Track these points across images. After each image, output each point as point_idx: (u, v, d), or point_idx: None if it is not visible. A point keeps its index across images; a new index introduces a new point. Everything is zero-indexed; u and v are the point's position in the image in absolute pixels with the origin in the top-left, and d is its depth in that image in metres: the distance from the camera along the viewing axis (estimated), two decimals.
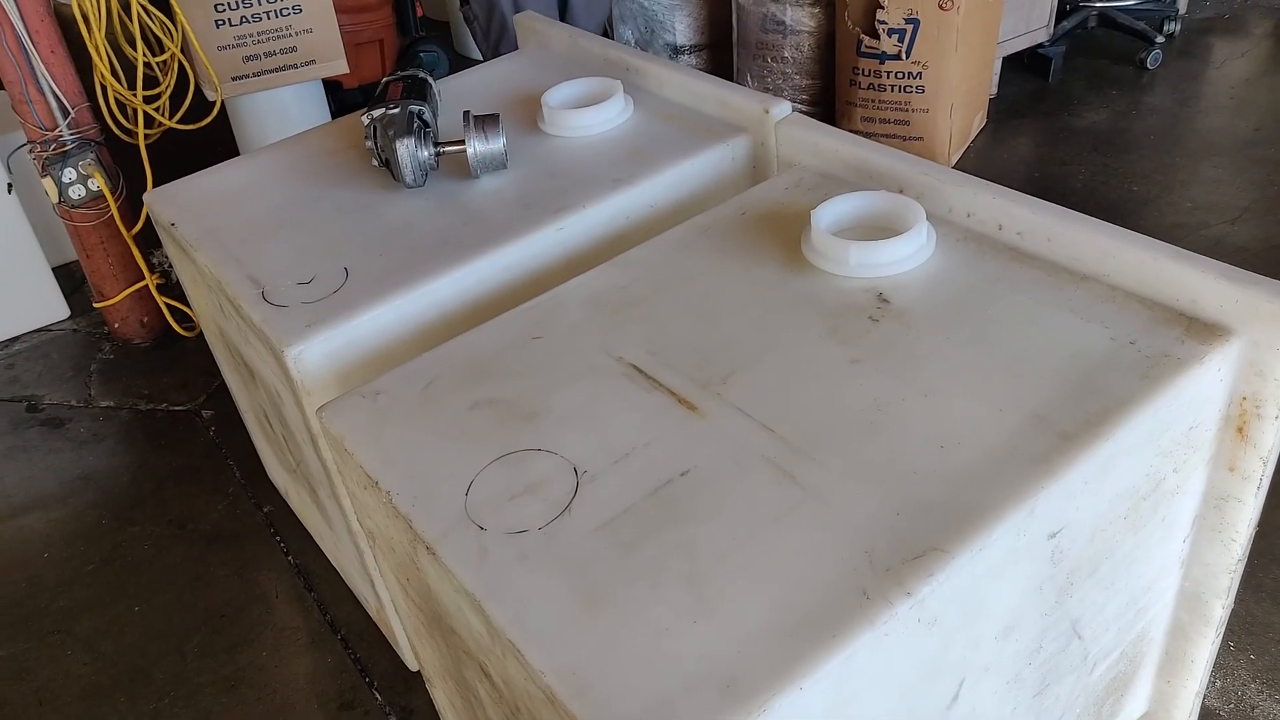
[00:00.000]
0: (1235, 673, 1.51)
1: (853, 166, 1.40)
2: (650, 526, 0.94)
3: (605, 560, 0.92)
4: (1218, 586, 1.21)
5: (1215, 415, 1.07)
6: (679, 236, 1.36)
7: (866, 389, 1.05)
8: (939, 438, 0.98)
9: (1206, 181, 2.80)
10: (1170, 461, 1.05)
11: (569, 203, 1.48)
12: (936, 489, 0.93)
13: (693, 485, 0.98)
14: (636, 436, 1.04)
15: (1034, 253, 1.20)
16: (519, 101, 1.80)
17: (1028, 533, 0.92)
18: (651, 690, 0.80)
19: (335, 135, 1.80)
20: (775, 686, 0.79)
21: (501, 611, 0.89)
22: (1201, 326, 1.06)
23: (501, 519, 0.98)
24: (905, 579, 0.85)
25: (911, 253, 1.21)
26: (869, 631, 0.82)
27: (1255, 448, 1.08)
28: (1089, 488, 0.96)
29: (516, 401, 1.12)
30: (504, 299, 1.39)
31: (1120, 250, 1.12)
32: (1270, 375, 1.03)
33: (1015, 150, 3.07)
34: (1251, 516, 1.14)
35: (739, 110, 1.58)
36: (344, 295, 1.35)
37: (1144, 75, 3.40)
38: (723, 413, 1.06)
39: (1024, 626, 0.99)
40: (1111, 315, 1.09)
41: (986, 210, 1.25)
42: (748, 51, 3.24)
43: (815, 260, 1.24)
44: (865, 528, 0.90)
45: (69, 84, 2.37)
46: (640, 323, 1.21)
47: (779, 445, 1.00)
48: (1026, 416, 0.99)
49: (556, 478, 1.01)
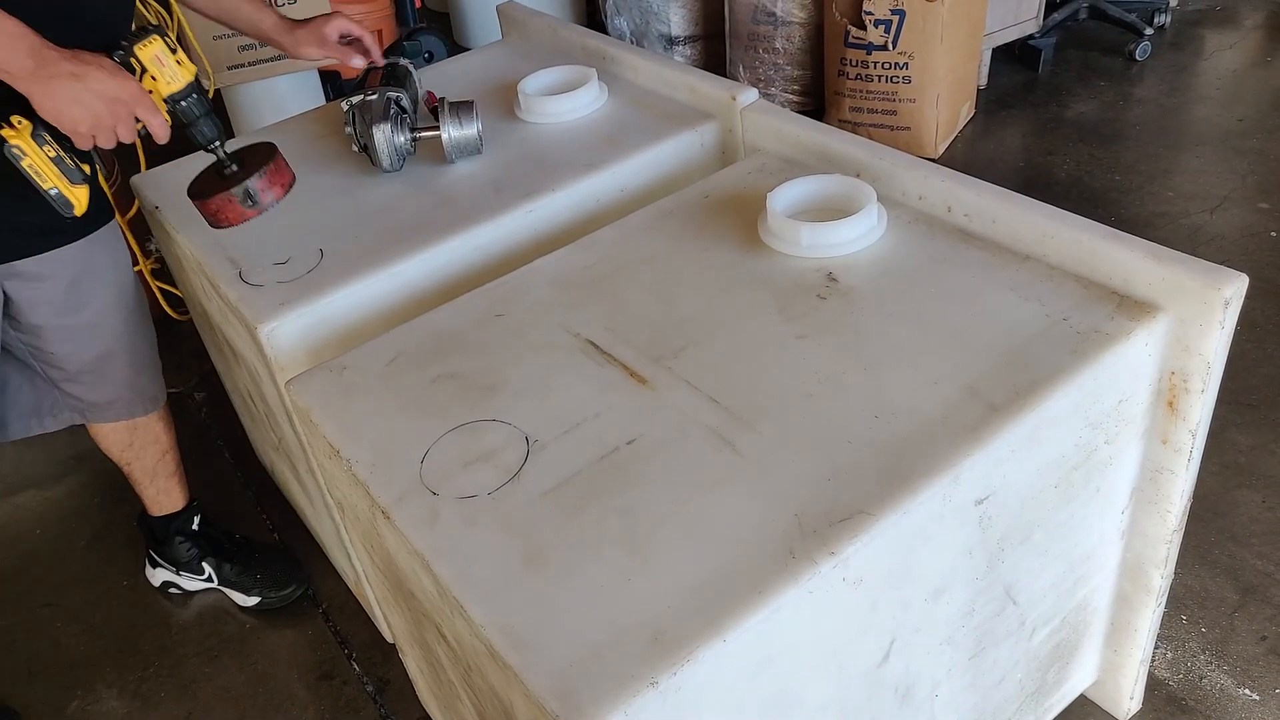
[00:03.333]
0: (1186, 645, 1.55)
1: (813, 151, 1.44)
2: (594, 492, 0.98)
3: (549, 523, 0.96)
4: (1156, 556, 1.25)
5: (1145, 389, 1.11)
6: (643, 219, 1.40)
7: (809, 363, 1.10)
8: (874, 409, 1.02)
9: (1189, 171, 2.82)
10: (1101, 433, 1.09)
11: (539, 186, 1.52)
12: (867, 456, 0.97)
13: (637, 453, 1.02)
14: (587, 408, 1.09)
15: (980, 234, 1.24)
16: (498, 89, 1.84)
17: (954, 498, 0.96)
18: (584, 642, 0.85)
19: (318, 121, 1.84)
20: (700, 638, 0.83)
21: (447, 570, 0.94)
22: (1132, 304, 1.09)
23: (454, 485, 1.02)
24: (830, 539, 0.89)
25: (861, 234, 1.25)
26: (793, 588, 0.86)
27: (1185, 421, 1.12)
28: (1016, 456, 1.00)
29: (476, 375, 1.16)
30: (474, 279, 1.43)
31: (1058, 231, 1.15)
32: (1196, 351, 1.07)
33: (1003, 140, 3.10)
34: (1184, 488, 1.18)
35: (708, 97, 1.62)
36: (318, 275, 1.40)
37: (1133, 67, 3.42)
38: (671, 385, 1.10)
39: (954, 590, 1.04)
40: (1048, 293, 1.13)
41: (936, 193, 1.28)
42: (739, 43, 3.28)
43: (770, 241, 1.28)
44: (797, 492, 0.95)
45: None
46: (600, 301, 1.25)
47: (722, 415, 1.05)
48: (959, 389, 1.03)
49: (509, 446, 1.06)
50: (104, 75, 1.18)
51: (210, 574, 1.86)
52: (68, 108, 1.17)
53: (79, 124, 1.19)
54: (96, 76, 1.17)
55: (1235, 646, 1.54)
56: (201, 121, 1.29)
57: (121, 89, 1.19)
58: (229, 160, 1.34)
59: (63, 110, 1.17)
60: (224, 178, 1.33)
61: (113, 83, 1.19)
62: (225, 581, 1.86)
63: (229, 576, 1.86)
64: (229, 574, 1.86)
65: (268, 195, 1.34)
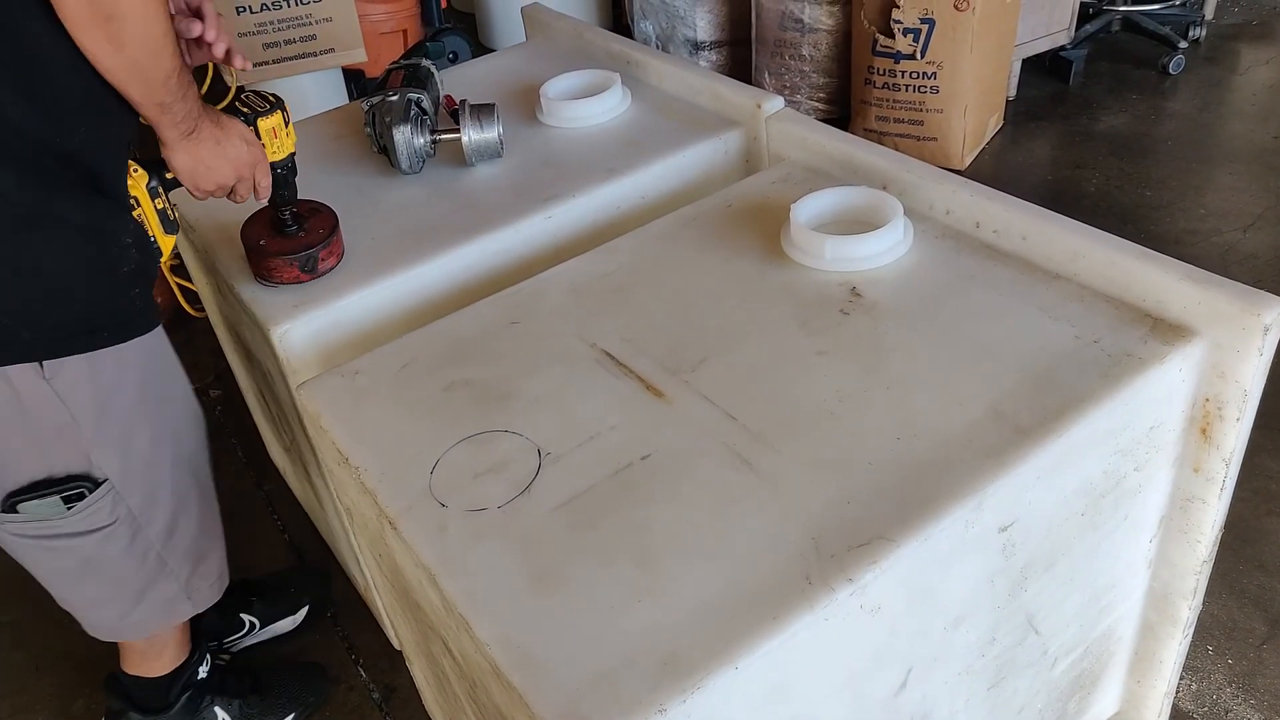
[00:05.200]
0: (1211, 676, 1.51)
1: (839, 162, 1.41)
2: (606, 507, 0.96)
3: (559, 538, 0.94)
4: (1184, 588, 1.21)
5: (1178, 416, 1.08)
6: (664, 227, 1.38)
7: (830, 380, 1.07)
8: (896, 429, 0.99)
9: (1222, 188, 2.77)
10: (1131, 460, 1.06)
11: (560, 192, 1.50)
12: (888, 479, 0.94)
13: (652, 469, 1.00)
14: (602, 421, 1.06)
15: (1008, 250, 1.21)
16: (521, 92, 1.82)
17: (977, 525, 0.93)
18: (592, 664, 0.82)
19: (339, 121, 1.83)
20: (712, 664, 0.80)
21: (454, 585, 0.91)
22: (1166, 327, 1.06)
23: (463, 497, 1.00)
24: (848, 565, 0.86)
25: (887, 248, 1.22)
26: (808, 615, 0.83)
27: (1218, 449, 1.08)
28: (1042, 482, 0.97)
29: (489, 384, 1.14)
30: (492, 284, 1.41)
31: (1090, 250, 1.12)
32: (1231, 377, 1.03)
33: (1031, 153, 3.06)
34: (1216, 519, 1.14)
35: (733, 104, 1.60)
36: (333, 277, 1.38)
37: (1166, 80, 3.37)
38: (688, 400, 1.07)
39: (975, 618, 1.00)
40: (1079, 314, 1.10)
41: (964, 208, 1.25)
42: (766, 49, 3.25)
43: (793, 253, 1.25)
44: (815, 514, 0.92)
45: None
46: (618, 310, 1.23)
47: (740, 432, 1.02)
48: (985, 410, 1.00)
49: (520, 458, 1.03)
50: (241, 143, 1.20)
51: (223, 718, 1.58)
52: (205, 171, 1.16)
53: (207, 185, 1.18)
54: (235, 143, 1.19)
55: (1263, 680, 1.50)
56: (287, 185, 1.34)
57: (252, 156, 1.22)
58: (291, 220, 1.37)
59: (199, 172, 1.16)
60: (283, 234, 1.36)
61: (246, 151, 1.21)
62: None
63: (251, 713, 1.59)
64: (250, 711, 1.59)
65: (325, 265, 1.37)
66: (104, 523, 1.22)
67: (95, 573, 1.27)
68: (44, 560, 1.25)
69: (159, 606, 1.35)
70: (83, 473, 1.18)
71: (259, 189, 1.28)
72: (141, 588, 1.32)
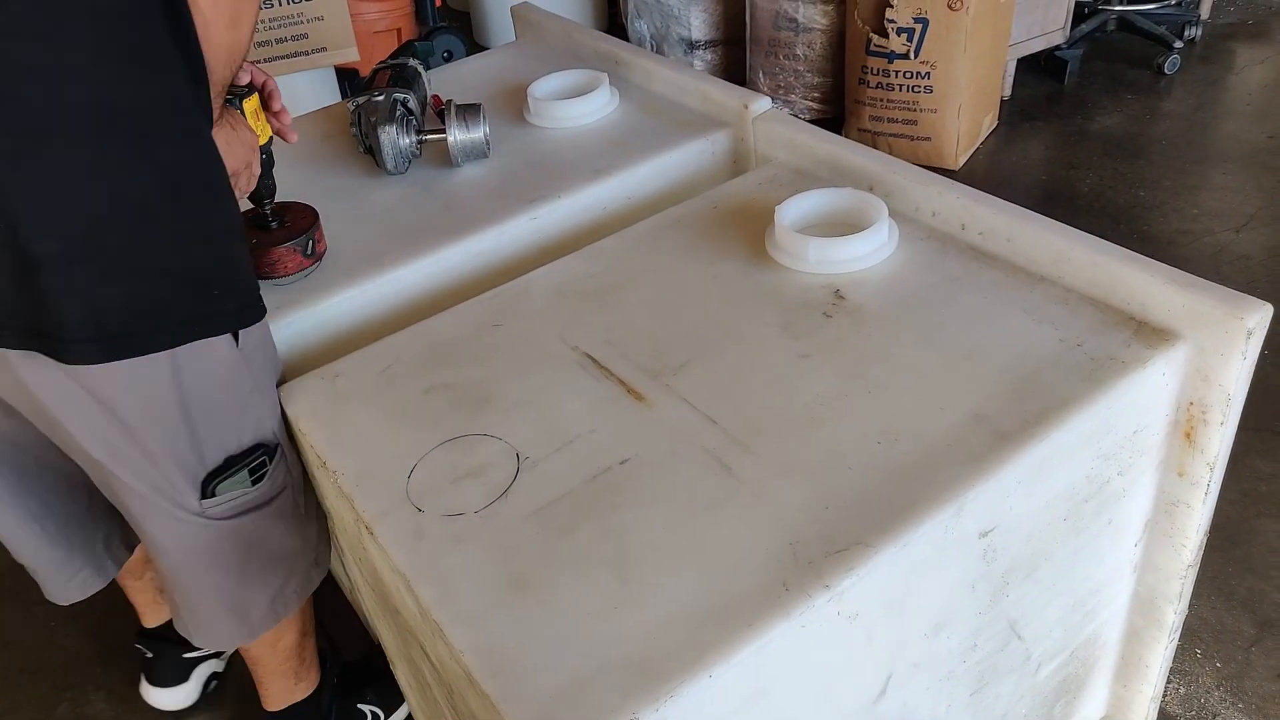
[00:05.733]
0: (1199, 679, 1.50)
1: (826, 163, 1.40)
2: (584, 512, 0.95)
3: (536, 544, 0.93)
4: (1169, 591, 1.20)
5: (1162, 420, 1.07)
6: (649, 228, 1.37)
7: (812, 384, 1.06)
8: (877, 433, 0.99)
9: (1215, 188, 2.76)
10: (1114, 464, 1.05)
11: (545, 192, 1.49)
12: (868, 484, 0.93)
13: (630, 473, 0.99)
14: (582, 424, 1.06)
15: (994, 253, 1.20)
16: (509, 92, 1.81)
17: (956, 530, 0.92)
18: (566, 671, 0.81)
19: (327, 120, 1.82)
20: (685, 672, 0.80)
21: (428, 591, 0.91)
22: (1150, 330, 1.05)
23: (440, 501, 0.99)
24: (826, 572, 0.86)
25: (871, 250, 1.21)
26: (784, 622, 0.83)
27: (1202, 453, 1.08)
28: (1024, 487, 0.96)
29: (470, 387, 1.13)
30: (477, 285, 1.40)
31: (1075, 252, 1.11)
32: (1216, 381, 1.02)
33: (1025, 153, 3.05)
34: (1201, 523, 1.13)
35: (720, 105, 1.59)
36: (315, 278, 1.37)
37: (1161, 80, 3.36)
38: (669, 403, 1.06)
39: (956, 624, 1.00)
40: (1063, 317, 1.09)
41: (950, 210, 1.24)
42: (760, 49, 3.24)
43: (777, 255, 1.24)
44: (793, 520, 0.91)
45: None
46: (601, 313, 1.22)
47: (720, 436, 1.01)
48: (966, 415, 0.99)
49: (499, 463, 1.03)
50: (245, 128, 1.20)
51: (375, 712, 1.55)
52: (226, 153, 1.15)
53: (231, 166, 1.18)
54: (242, 128, 1.19)
55: (1251, 683, 1.49)
56: (268, 174, 1.32)
57: (253, 140, 1.22)
58: (272, 217, 1.36)
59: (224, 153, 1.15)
60: (263, 231, 1.34)
61: (248, 135, 1.21)
62: None
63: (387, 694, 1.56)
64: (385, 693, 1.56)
65: (299, 263, 1.36)
66: (279, 489, 1.20)
67: (261, 548, 1.22)
68: (220, 547, 1.18)
69: (301, 577, 1.29)
70: (261, 441, 1.15)
71: (253, 176, 1.26)
72: (294, 556, 1.26)
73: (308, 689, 1.42)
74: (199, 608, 1.23)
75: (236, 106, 1.23)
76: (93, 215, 0.94)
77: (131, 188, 0.95)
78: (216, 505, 1.14)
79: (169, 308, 1.01)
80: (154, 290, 1.00)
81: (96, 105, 0.92)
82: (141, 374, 1.01)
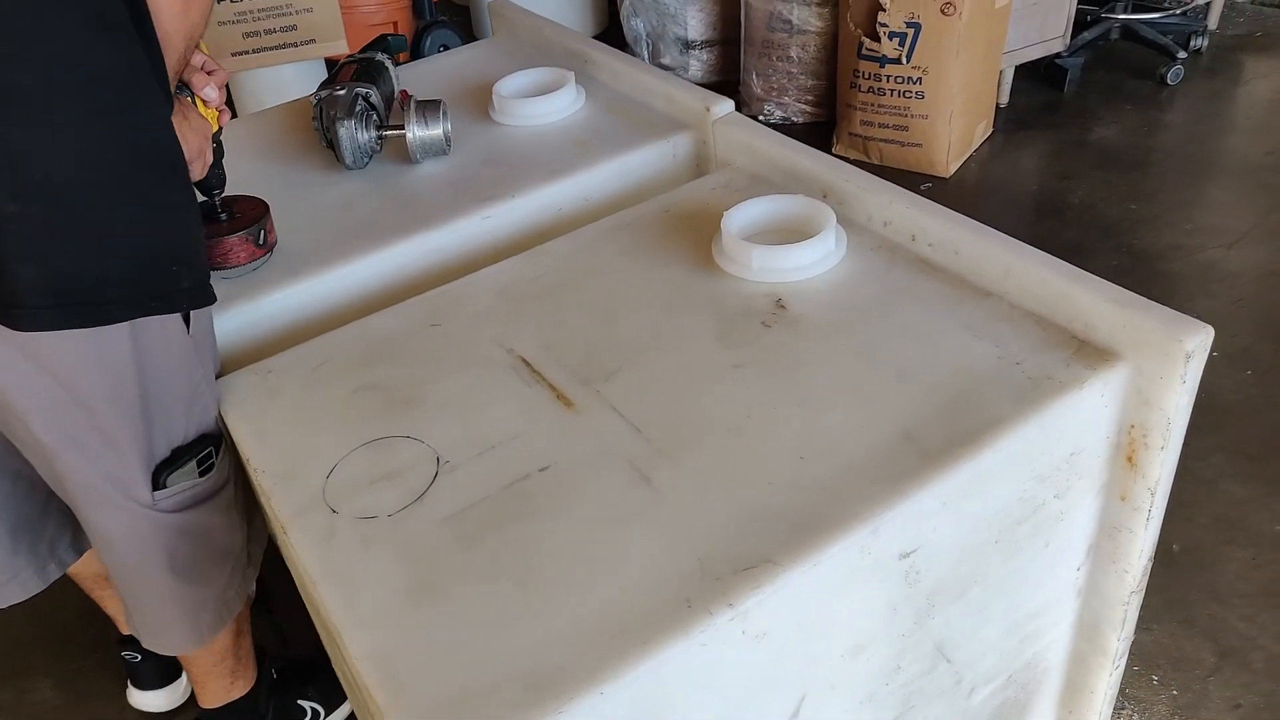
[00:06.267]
0: (1154, 708, 1.47)
1: (782, 169, 1.38)
2: (496, 520, 0.93)
3: (443, 551, 0.91)
4: (1113, 618, 1.18)
5: (1102, 442, 1.04)
6: (598, 231, 1.35)
7: (742, 395, 1.04)
8: (801, 448, 0.96)
9: (1210, 204, 2.72)
10: (1050, 487, 1.02)
11: (500, 191, 1.47)
12: (786, 500, 0.91)
13: (549, 481, 0.97)
14: (507, 429, 1.04)
15: (942, 265, 1.18)
16: (480, 88, 1.79)
17: (874, 551, 0.89)
18: (457, 684, 0.79)
19: (296, 113, 1.81)
20: (576, 688, 0.77)
21: (331, 594, 0.89)
22: (1091, 350, 1.02)
23: (356, 503, 0.97)
24: (731, 589, 0.83)
25: (816, 259, 1.19)
26: (682, 640, 0.80)
27: (1144, 478, 1.05)
28: (949, 508, 0.94)
29: (399, 388, 1.12)
30: (425, 284, 1.38)
31: (1021, 267, 1.09)
32: (1156, 404, 1.00)
33: (1018, 161, 3.01)
34: (1144, 548, 1.10)
35: (683, 107, 1.56)
36: (262, 271, 1.36)
37: (1163, 91, 3.32)
38: (597, 410, 1.04)
39: (877, 646, 0.97)
40: (1005, 334, 1.06)
41: (901, 220, 1.22)
42: (754, 50, 3.21)
43: (722, 263, 1.22)
44: (707, 535, 0.89)
45: None
46: (540, 316, 1.20)
47: (643, 446, 0.99)
48: (894, 432, 0.96)
49: (418, 466, 1.01)
50: (196, 115, 1.19)
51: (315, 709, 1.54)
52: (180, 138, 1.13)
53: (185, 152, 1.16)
54: (194, 115, 1.18)
55: (1206, 713, 1.46)
56: (216, 165, 1.30)
57: (205, 128, 1.21)
58: (221, 208, 1.34)
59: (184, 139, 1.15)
60: (211, 223, 1.33)
61: (200, 123, 1.20)
62: None
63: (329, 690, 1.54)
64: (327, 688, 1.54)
65: (246, 254, 1.34)
66: (224, 482, 1.18)
67: (208, 545, 1.20)
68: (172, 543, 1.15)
69: (241, 574, 1.27)
70: (206, 431, 1.14)
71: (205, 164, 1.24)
72: (236, 553, 1.25)
73: (245, 687, 1.40)
74: (151, 609, 1.22)
75: (187, 94, 1.21)
76: (53, 180, 0.92)
77: (92, 155, 0.94)
78: (168, 497, 1.13)
79: (127, 279, 0.99)
80: (112, 260, 0.98)
81: (61, 70, 0.91)
82: (104, 354, 1.00)
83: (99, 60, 0.93)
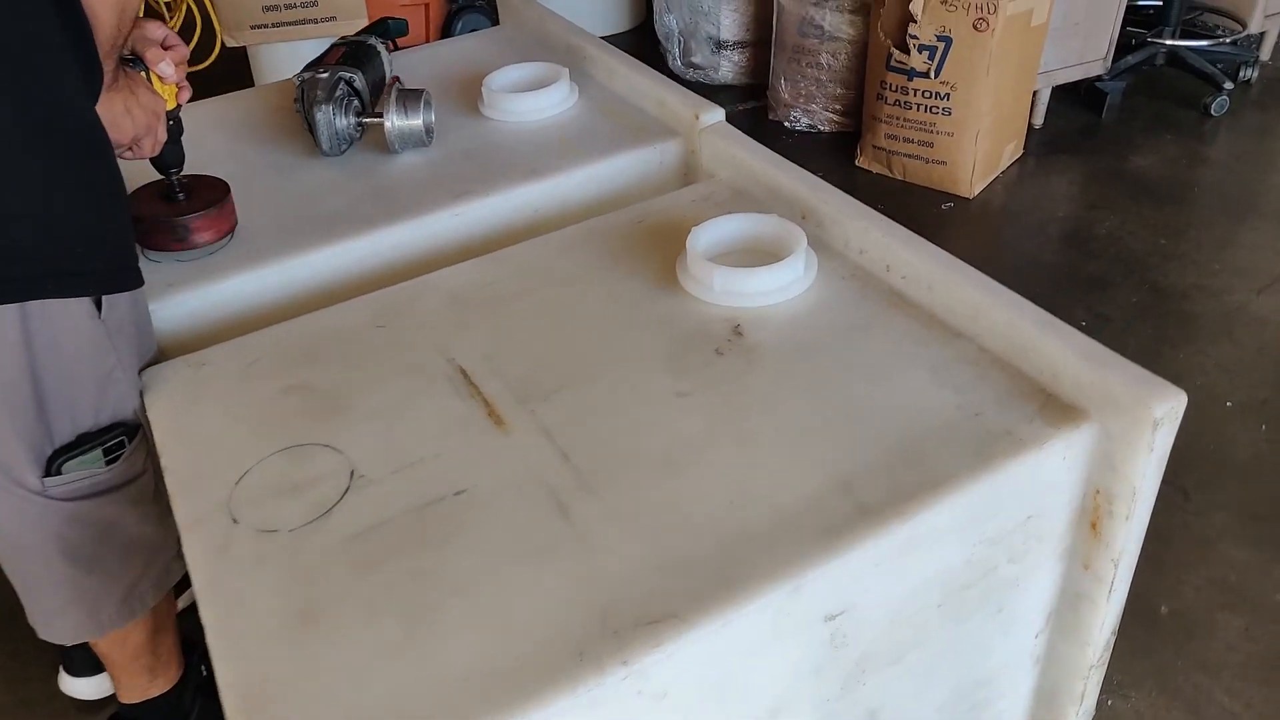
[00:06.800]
0: None
1: (764, 185, 1.31)
2: (397, 546, 0.88)
3: (337, 576, 0.86)
4: (1072, 691, 1.10)
5: (1063, 506, 0.96)
6: (564, 238, 1.29)
7: (680, 427, 0.97)
8: (732, 492, 0.90)
9: (1243, 245, 2.60)
10: (1003, 551, 0.95)
11: (475, 188, 1.41)
12: (707, 549, 0.85)
13: (461, 506, 0.91)
14: (430, 446, 0.98)
15: (915, 300, 1.10)
16: (475, 79, 1.73)
17: (793, 613, 0.83)
18: None
19: (279, 94, 1.76)
20: None
21: (211, 614, 0.84)
22: (1058, 406, 0.95)
23: (258, 515, 0.92)
24: (628, 645, 0.77)
25: (783, 284, 1.12)
26: (568, 697, 0.74)
27: (1108, 548, 0.97)
28: (884, 569, 0.87)
29: (329, 391, 1.06)
30: (386, 280, 1.32)
31: (990, 309, 1.01)
32: (1122, 471, 0.92)
33: (1046, 186, 2.90)
34: (1106, 621, 1.02)
35: (674, 112, 1.50)
36: (220, 256, 1.31)
37: (1207, 122, 3.19)
38: (528, 431, 0.98)
39: (798, 710, 0.90)
40: (969, 381, 0.99)
41: (877, 248, 1.15)
42: (784, 54, 3.13)
43: (685, 282, 1.16)
44: (616, 580, 0.83)
45: None
46: (490, 324, 1.14)
47: (568, 475, 0.93)
48: (832, 482, 0.90)
49: (332, 478, 0.95)
50: (147, 92, 1.15)
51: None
52: (122, 118, 1.11)
53: (125, 134, 1.13)
54: (143, 92, 1.15)
55: None
56: (174, 143, 1.26)
57: (157, 104, 1.17)
58: (179, 188, 1.30)
59: (118, 120, 1.11)
60: (167, 202, 1.29)
61: (151, 99, 1.16)
62: None
63: None
64: None
65: (201, 236, 1.30)
66: (137, 473, 1.14)
67: (114, 536, 1.16)
68: (67, 531, 1.12)
69: (160, 569, 1.23)
70: (120, 420, 1.10)
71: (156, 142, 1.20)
72: (154, 547, 1.20)
73: (165, 685, 1.36)
74: (41, 596, 1.18)
75: (140, 69, 1.17)
76: None
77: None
78: (61, 485, 1.08)
79: (21, 257, 0.95)
80: (6, 235, 0.93)
81: None
82: None
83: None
